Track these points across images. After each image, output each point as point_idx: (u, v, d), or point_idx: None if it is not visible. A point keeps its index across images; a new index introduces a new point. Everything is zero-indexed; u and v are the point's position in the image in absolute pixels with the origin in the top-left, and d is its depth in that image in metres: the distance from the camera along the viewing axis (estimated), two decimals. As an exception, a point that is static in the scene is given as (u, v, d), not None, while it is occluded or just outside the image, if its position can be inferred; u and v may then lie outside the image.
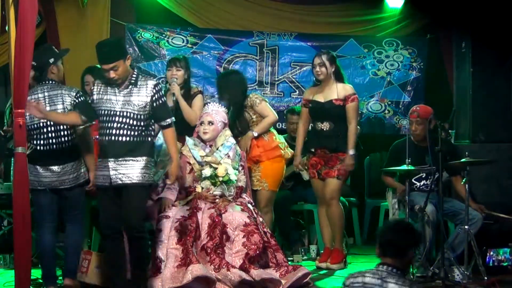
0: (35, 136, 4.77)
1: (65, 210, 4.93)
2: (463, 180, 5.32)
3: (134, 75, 4.51)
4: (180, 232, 4.95)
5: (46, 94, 4.78)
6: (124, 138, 4.42)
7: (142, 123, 4.46)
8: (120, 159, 4.42)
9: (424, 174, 5.75)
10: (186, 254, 4.86)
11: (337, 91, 5.81)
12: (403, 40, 7.71)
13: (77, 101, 4.77)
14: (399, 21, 7.71)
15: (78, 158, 4.85)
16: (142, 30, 7.25)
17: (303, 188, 6.66)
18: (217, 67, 7.39)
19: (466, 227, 5.26)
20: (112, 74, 4.40)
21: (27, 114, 4.64)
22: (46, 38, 6.90)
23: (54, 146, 4.77)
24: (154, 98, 4.47)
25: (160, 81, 7.17)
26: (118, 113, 4.43)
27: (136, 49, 7.23)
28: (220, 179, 5.27)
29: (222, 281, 4.82)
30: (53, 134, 4.76)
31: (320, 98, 5.87)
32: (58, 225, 5.02)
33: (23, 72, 4.32)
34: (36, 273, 5.13)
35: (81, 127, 4.72)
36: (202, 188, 5.31)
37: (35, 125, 4.76)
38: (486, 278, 5.14)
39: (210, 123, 5.42)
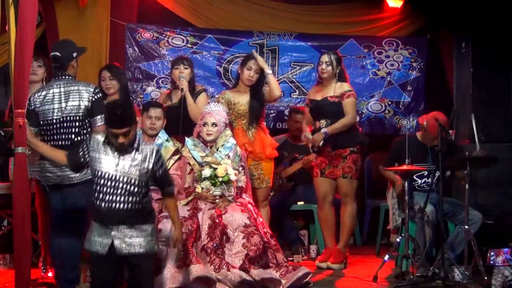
0: (43, 132, 4.75)
1: (72, 211, 4.80)
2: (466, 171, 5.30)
3: (137, 139, 4.18)
4: (180, 232, 4.95)
5: (62, 89, 4.73)
6: (126, 206, 4.08)
7: (143, 190, 4.13)
8: (123, 227, 4.08)
9: (426, 172, 5.75)
10: (186, 255, 4.86)
11: (334, 89, 5.85)
12: (403, 40, 7.71)
13: (95, 97, 4.71)
14: (399, 21, 7.70)
15: None
16: (142, 30, 7.24)
17: (303, 188, 6.66)
18: (217, 67, 7.39)
19: (466, 227, 5.27)
20: (121, 140, 4.03)
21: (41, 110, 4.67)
22: (46, 38, 6.89)
23: (63, 142, 4.72)
24: (157, 166, 4.14)
25: (160, 81, 7.24)
26: (118, 178, 4.08)
27: (136, 49, 7.22)
28: (220, 179, 5.28)
29: (222, 281, 4.82)
30: (63, 130, 4.71)
31: (318, 96, 5.91)
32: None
33: (23, 72, 4.32)
34: (36, 273, 5.14)
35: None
36: (202, 188, 5.31)
37: (46, 121, 4.73)
38: (486, 278, 5.14)
39: (214, 124, 5.41)
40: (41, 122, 4.73)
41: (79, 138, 4.72)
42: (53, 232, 4.80)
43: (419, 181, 5.81)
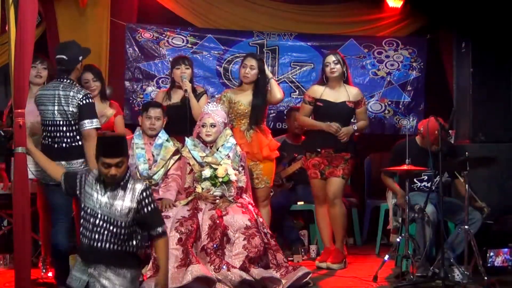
0: (44, 133, 4.76)
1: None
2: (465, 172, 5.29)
3: (126, 177, 4.05)
4: (180, 232, 4.95)
5: (56, 92, 4.71)
6: (105, 245, 3.97)
7: (124, 231, 3.98)
8: (101, 266, 3.96)
9: (426, 177, 5.75)
10: (186, 255, 4.86)
11: (347, 93, 5.88)
12: (403, 40, 7.71)
13: (82, 102, 4.68)
14: (399, 21, 7.71)
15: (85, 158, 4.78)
16: (142, 30, 7.24)
17: (303, 188, 6.66)
18: (217, 67, 7.38)
19: (466, 227, 5.26)
20: (113, 171, 3.93)
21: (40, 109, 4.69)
22: (46, 38, 6.89)
23: (58, 144, 4.72)
24: (141, 205, 3.99)
25: (160, 81, 7.24)
26: (99, 215, 3.98)
27: (136, 49, 7.22)
28: (220, 180, 5.27)
29: (222, 282, 4.82)
30: (58, 134, 4.71)
31: (331, 98, 5.88)
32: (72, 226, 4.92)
33: (23, 72, 4.33)
34: (36, 273, 5.13)
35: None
36: (203, 188, 5.31)
37: (44, 122, 4.75)
38: (486, 278, 5.14)
39: (213, 125, 5.40)
40: (42, 122, 4.76)
41: (75, 144, 4.73)
42: (55, 227, 4.79)
43: (419, 183, 5.81)
